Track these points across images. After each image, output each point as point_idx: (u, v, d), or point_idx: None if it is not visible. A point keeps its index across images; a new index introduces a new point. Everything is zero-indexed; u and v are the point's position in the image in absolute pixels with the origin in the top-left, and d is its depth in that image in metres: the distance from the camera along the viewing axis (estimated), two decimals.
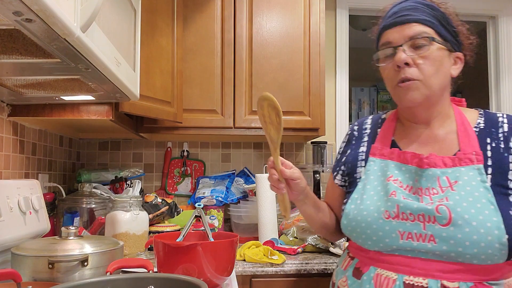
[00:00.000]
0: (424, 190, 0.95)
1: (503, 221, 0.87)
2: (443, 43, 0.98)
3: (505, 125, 0.99)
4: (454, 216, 0.89)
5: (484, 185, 0.91)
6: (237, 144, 2.41)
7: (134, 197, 1.67)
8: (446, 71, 1.00)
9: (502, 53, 2.59)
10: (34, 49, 0.91)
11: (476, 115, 1.04)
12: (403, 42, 0.97)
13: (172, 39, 1.83)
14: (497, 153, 0.95)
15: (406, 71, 0.97)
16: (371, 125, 1.16)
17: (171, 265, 1.08)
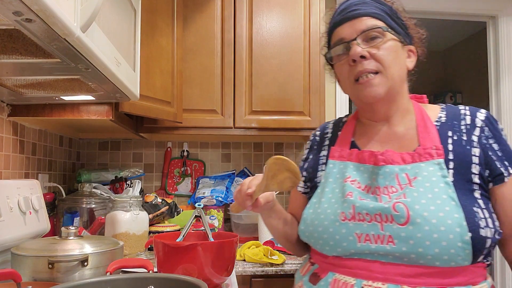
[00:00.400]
0: (382, 188, 0.90)
1: (465, 217, 0.81)
2: (395, 35, 0.96)
3: (467, 117, 0.94)
4: (412, 214, 0.83)
5: (445, 180, 0.86)
6: (237, 144, 2.41)
7: (134, 197, 1.67)
8: (402, 63, 0.97)
9: (502, 53, 2.59)
10: (34, 49, 0.91)
11: (438, 109, 1.00)
12: (356, 36, 0.94)
13: (172, 39, 1.83)
14: (459, 146, 0.91)
15: (363, 64, 0.93)
16: (332, 129, 1.12)
17: (171, 265, 1.08)
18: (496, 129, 0.93)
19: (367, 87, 0.93)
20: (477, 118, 0.93)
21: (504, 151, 0.91)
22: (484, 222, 0.83)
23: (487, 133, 0.92)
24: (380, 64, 0.92)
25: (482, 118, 0.93)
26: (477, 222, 0.82)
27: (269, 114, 2.01)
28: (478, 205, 0.85)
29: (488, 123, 0.93)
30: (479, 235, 0.81)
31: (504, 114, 2.59)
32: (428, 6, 2.58)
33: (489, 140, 0.91)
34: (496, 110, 2.64)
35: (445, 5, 2.58)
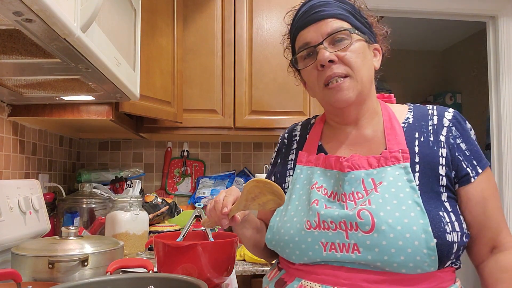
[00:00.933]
0: (348, 195, 0.87)
1: (430, 223, 0.79)
2: (361, 35, 0.92)
3: (434, 117, 0.91)
4: (377, 221, 0.80)
5: (410, 185, 0.83)
6: (237, 144, 2.41)
7: (134, 197, 1.67)
8: (370, 63, 0.94)
9: (502, 53, 2.59)
10: (34, 49, 0.91)
11: (406, 110, 0.96)
12: (322, 39, 0.90)
13: (172, 39, 1.83)
14: (426, 148, 0.88)
15: (332, 69, 0.89)
16: (300, 131, 1.08)
17: (171, 265, 1.08)
18: (463, 129, 0.90)
19: (338, 92, 0.90)
20: (444, 118, 0.91)
21: (471, 150, 0.88)
22: (451, 226, 0.81)
23: (454, 132, 0.89)
24: (349, 68, 0.89)
25: (449, 117, 0.91)
26: (443, 227, 0.80)
27: (269, 114, 2.01)
28: (445, 208, 0.83)
29: (456, 122, 0.90)
30: (445, 241, 0.79)
31: (504, 114, 2.59)
32: (428, 6, 2.58)
33: (456, 140, 0.88)
34: (496, 110, 2.64)
35: (445, 5, 2.57)
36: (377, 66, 0.98)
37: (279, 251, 0.94)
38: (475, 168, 0.87)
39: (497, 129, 2.63)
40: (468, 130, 0.91)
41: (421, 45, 4.12)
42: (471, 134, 0.91)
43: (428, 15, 2.71)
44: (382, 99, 1.02)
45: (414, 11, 2.61)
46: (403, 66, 4.16)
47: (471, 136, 0.90)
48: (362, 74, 0.90)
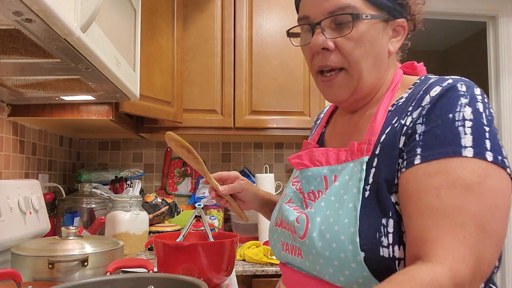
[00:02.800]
0: (307, 194, 0.78)
1: (359, 232, 0.64)
2: (376, 15, 0.74)
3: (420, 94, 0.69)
4: (310, 227, 0.70)
5: (358, 185, 0.68)
6: (237, 144, 2.41)
7: (134, 197, 1.67)
8: (379, 51, 0.76)
9: (502, 53, 2.59)
10: (34, 49, 0.91)
11: (407, 87, 0.76)
12: (322, 18, 0.74)
13: (172, 39, 1.83)
14: (391, 137, 0.69)
15: (326, 58, 0.75)
16: (323, 114, 0.98)
17: (171, 265, 1.08)
18: (441, 106, 0.65)
19: (329, 87, 0.78)
20: (427, 96, 0.67)
21: (426, 133, 0.64)
22: (392, 237, 0.63)
23: (424, 112, 0.66)
24: (345, 60, 0.74)
25: (433, 94, 0.66)
26: (377, 239, 0.63)
27: (269, 114, 2.01)
28: (393, 214, 0.65)
29: (435, 98, 0.66)
30: (378, 256, 0.62)
31: (504, 114, 2.59)
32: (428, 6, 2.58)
33: (417, 122, 0.66)
34: (496, 110, 2.64)
35: (445, 5, 2.57)
36: (393, 50, 0.79)
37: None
38: (414, 155, 0.64)
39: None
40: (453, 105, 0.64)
41: (421, 45, 4.12)
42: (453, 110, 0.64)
43: (428, 15, 2.70)
44: (405, 70, 0.85)
45: None
46: None
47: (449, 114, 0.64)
48: (361, 67, 0.75)
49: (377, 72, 0.77)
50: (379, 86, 0.79)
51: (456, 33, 3.85)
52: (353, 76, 0.76)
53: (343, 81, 0.76)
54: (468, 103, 0.64)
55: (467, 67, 3.94)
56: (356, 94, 0.78)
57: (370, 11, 0.74)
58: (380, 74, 0.78)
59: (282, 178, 2.40)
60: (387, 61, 0.79)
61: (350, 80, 0.76)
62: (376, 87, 0.79)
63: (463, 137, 0.62)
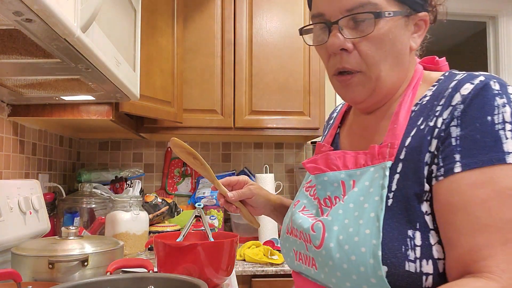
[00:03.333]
0: (323, 200, 0.73)
1: (382, 245, 0.59)
2: (398, 11, 0.69)
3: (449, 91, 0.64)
4: (327, 236, 0.66)
5: (380, 192, 0.64)
6: (237, 144, 2.41)
7: (134, 197, 1.67)
8: (401, 49, 0.71)
9: (502, 53, 2.59)
10: (34, 49, 0.91)
11: (431, 84, 0.71)
12: (339, 16, 0.68)
13: (172, 39, 1.83)
14: (418, 139, 0.64)
15: (343, 60, 0.70)
16: (337, 113, 0.93)
17: (171, 265, 1.08)
18: (477, 107, 0.60)
19: (345, 88, 0.73)
20: (457, 94, 0.63)
21: (464, 138, 0.60)
22: (420, 251, 0.59)
23: (456, 113, 0.61)
24: (364, 62, 0.70)
25: (465, 92, 0.62)
26: (403, 252, 0.59)
27: (269, 114, 2.01)
28: (422, 224, 0.60)
29: (470, 98, 0.61)
30: (403, 270, 0.58)
31: None
32: None
33: (451, 123, 0.61)
34: None
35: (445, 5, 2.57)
36: (415, 46, 0.74)
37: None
38: (453, 162, 0.59)
39: None
40: (490, 107, 0.60)
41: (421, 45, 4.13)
42: (491, 112, 0.59)
43: None
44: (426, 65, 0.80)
45: None
46: None
47: (488, 117, 0.59)
48: (380, 69, 0.70)
49: (398, 71, 0.72)
50: (400, 84, 0.74)
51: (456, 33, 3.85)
52: (371, 78, 0.71)
53: (360, 82, 0.71)
54: (505, 103, 0.60)
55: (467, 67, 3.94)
56: (374, 95, 0.73)
57: (392, 7, 0.68)
58: (401, 72, 0.73)
59: (282, 178, 2.40)
60: (408, 58, 0.74)
61: (368, 81, 0.71)
62: (397, 86, 0.74)
63: (505, 142, 0.58)
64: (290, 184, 2.43)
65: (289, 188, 2.42)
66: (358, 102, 0.75)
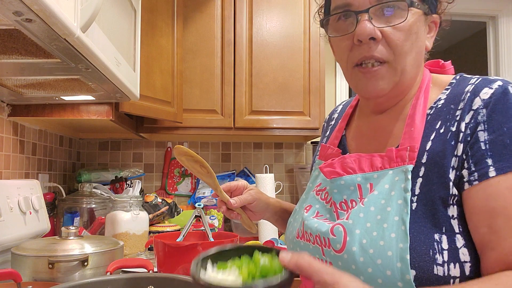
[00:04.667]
0: (339, 204, 0.72)
1: (410, 249, 0.60)
2: (421, 5, 0.70)
3: (467, 96, 0.66)
4: (349, 240, 0.65)
5: (404, 196, 0.64)
6: (237, 144, 2.41)
7: (134, 197, 1.67)
8: (421, 45, 0.73)
9: (502, 53, 2.59)
10: (34, 49, 0.91)
11: (443, 88, 0.73)
12: (369, 5, 0.68)
13: (172, 39, 1.83)
14: (440, 143, 0.65)
15: (372, 48, 0.69)
16: (338, 113, 0.93)
17: (171, 265, 1.08)
18: (501, 111, 0.62)
19: (369, 79, 0.71)
20: (477, 98, 0.64)
21: (493, 142, 0.61)
22: (448, 255, 0.60)
23: (480, 118, 0.63)
24: (392, 52, 0.69)
25: (485, 96, 0.64)
26: (431, 256, 0.60)
27: (269, 114, 2.01)
28: (448, 228, 0.62)
29: (492, 102, 0.63)
30: (431, 274, 0.59)
31: None
32: None
33: (478, 127, 0.63)
34: None
35: None
36: (430, 46, 0.76)
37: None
38: (486, 167, 0.61)
39: None
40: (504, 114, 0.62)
41: None
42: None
43: None
44: (432, 68, 0.82)
45: None
46: None
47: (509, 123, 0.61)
48: (406, 61, 0.70)
49: (417, 68, 0.73)
50: (413, 84, 0.75)
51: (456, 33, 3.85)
52: (397, 69, 0.70)
53: (387, 73, 0.70)
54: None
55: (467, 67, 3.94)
56: (396, 88, 0.72)
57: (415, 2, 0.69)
58: (418, 70, 0.74)
59: (282, 178, 2.40)
60: (423, 58, 0.75)
61: (394, 73, 0.70)
62: (411, 85, 0.74)
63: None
64: (290, 184, 2.43)
65: (289, 188, 2.42)
66: (379, 96, 0.73)
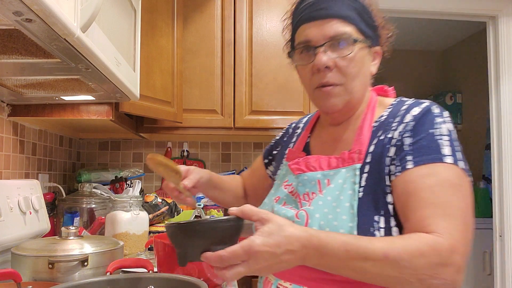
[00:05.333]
0: (302, 195, 0.89)
1: (357, 227, 0.76)
2: (364, 40, 0.89)
3: (402, 112, 0.85)
4: (310, 222, 0.81)
5: (353, 187, 0.81)
6: (237, 144, 2.41)
7: (134, 197, 1.67)
8: (367, 71, 0.92)
9: (502, 53, 2.59)
10: (34, 49, 0.91)
11: (386, 106, 0.92)
12: (324, 41, 0.86)
13: (172, 39, 1.83)
14: (379, 147, 0.84)
15: (326, 75, 0.87)
16: (304, 124, 1.10)
17: (171, 265, 1.08)
18: (423, 124, 0.81)
19: (326, 97, 0.89)
20: (408, 114, 0.84)
21: (415, 144, 0.80)
22: (384, 232, 0.77)
23: (409, 127, 0.82)
24: (343, 77, 0.87)
25: (414, 113, 0.83)
26: (371, 232, 0.76)
27: (269, 114, 2.01)
28: (387, 211, 0.79)
29: (419, 118, 0.82)
30: None
31: (504, 114, 2.59)
32: (428, 6, 2.58)
33: (404, 134, 0.81)
34: (496, 110, 2.64)
35: (445, 5, 2.57)
36: (374, 71, 0.94)
37: None
38: (406, 162, 0.79)
39: (497, 129, 2.63)
40: (432, 124, 0.81)
41: (421, 45, 4.12)
42: (433, 127, 0.81)
43: (428, 15, 2.71)
44: (378, 92, 0.99)
45: (414, 11, 2.61)
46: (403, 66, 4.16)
47: (430, 130, 0.80)
48: (355, 84, 0.89)
49: (364, 89, 0.93)
50: (361, 102, 0.94)
51: (456, 33, 3.84)
52: (347, 90, 0.89)
53: (340, 93, 0.89)
54: (442, 122, 0.82)
55: (467, 67, 3.94)
56: (347, 105, 0.91)
57: (360, 37, 0.89)
58: (365, 91, 0.94)
59: None
60: (369, 82, 0.95)
61: (345, 93, 0.89)
62: (359, 102, 0.93)
63: (442, 148, 0.78)
64: None
65: None
66: (335, 111, 0.91)
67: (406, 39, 3.94)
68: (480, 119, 3.61)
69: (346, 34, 0.87)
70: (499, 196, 2.58)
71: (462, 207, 0.74)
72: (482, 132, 3.55)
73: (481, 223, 3.18)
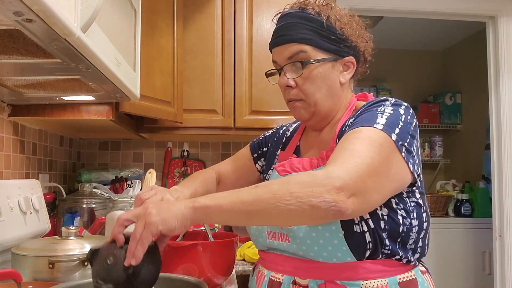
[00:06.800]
0: None
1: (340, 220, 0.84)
2: (322, 58, 0.96)
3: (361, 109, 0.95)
4: None
5: None
6: (237, 144, 2.41)
7: (134, 197, 1.67)
8: (331, 83, 0.99)
9: (502, 53, 2.59)
10: (34, 49, 0.91)
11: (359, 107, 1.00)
12: (284, 63, 0.99)
13: (172, 39, 1.83)
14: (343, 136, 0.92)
15: (290, 92, 1.00)
16: (293, 128, 1.18)
17: (171, 265, 1.08)
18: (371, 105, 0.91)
19: (294, 110, 1.02)
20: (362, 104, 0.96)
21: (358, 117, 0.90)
22: (360, 217, 0.84)
23: (361, 110, 0.92)
24: (303, 94, 0.98)
25: (363, 103, 0.95)
26: (352, 219, 0.84)
27: (269, 114, 2.01)
28: None
29: (367, 105, 0.93)
30: (353, 232, 0.84)
31: (503, 114, 2.59)
32: (428, 6, 2.58)
33: (349, 121, 0.92)
34: (496, 110, 2.64)
35: (445, 5, 2.58)
36: (344, 81, 1.00)
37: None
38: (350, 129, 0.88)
39: (497, 129, 2.63)
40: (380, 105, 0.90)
41: (421, 45, 4.12)
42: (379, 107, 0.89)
43: (428, 15, 2.71)
44: (359, 98, 1.06)
45: (414, 11, 2.61)
46: (403, 66, 4.16)
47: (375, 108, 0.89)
48: (315, 98, 0.98)
49: (332, 100, 1.00)
50: (337, 109, 1.02)
51: (456, 33, 3.84)
52: (310, 104, 0.99)
53: (302, 106, 1.00)
54: (390, 105, 0.89)
55: (467, 67, 3.94)
56: (315, 116, 1.00)
57: (319, 55, 0.96)
58: (335, 100, 1.01)
59: None
60: (340, 90, 1.01)
61: (308, 106, 0.99)
62: (334, 110, 1.02)
63: (378, 119, 0.85)
64: None
65: None
66: (304, 120, 1.04)
67: (406, 39, 3.94)
68: (480, 119, 3.61)
69: (301, 52, 0.96)
70: (498, 196, 2.58)
71: (371, 156, 0.78)
72: (481, 132, 3.55)
73: (481, 223, 3.18)
